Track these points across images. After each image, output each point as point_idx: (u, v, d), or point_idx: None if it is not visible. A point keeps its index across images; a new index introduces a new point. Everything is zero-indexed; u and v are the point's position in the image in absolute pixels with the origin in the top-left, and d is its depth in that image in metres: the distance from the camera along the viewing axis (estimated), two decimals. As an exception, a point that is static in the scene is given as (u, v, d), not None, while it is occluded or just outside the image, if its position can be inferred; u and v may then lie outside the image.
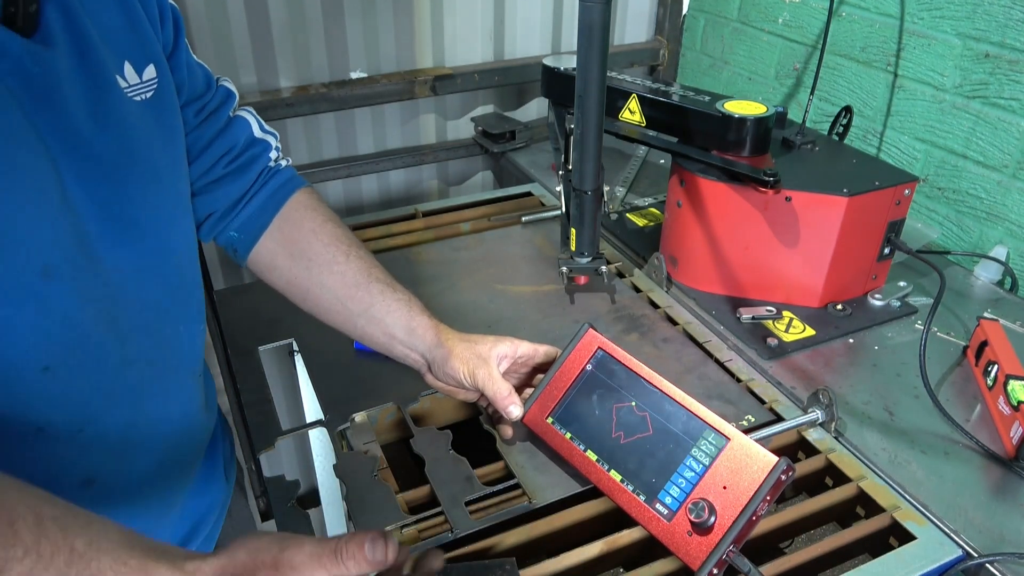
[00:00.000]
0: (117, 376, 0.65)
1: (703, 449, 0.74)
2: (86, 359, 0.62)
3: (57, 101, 0.57)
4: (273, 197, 0.84)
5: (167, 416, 0.72)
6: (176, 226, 0.72)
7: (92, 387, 0.63)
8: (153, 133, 0.67)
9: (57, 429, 0.61)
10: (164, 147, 0.69)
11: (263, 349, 1.06)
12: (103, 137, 0.61)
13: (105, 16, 0.62)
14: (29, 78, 0.54)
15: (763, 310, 1.12)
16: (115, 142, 0.62)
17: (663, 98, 1.13)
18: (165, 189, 0.69)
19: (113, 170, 0.62)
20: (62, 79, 0.57)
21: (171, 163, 0.71)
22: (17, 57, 0.54)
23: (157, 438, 0.71)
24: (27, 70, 0.54)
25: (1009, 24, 1.17)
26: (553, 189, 1.52)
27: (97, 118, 0.60)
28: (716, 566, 0.69)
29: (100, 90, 0.61)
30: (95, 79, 0.60)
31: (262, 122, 0.85)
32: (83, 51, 0.59)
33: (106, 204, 0.62)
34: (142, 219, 0.65)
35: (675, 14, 1.83)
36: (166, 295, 0.70)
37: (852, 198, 1.03)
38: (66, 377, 0.60)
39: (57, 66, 0.57)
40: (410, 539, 0.78)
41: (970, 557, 0.77)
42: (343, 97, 1.53)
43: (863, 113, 1.44)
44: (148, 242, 0.66)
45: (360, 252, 0.87)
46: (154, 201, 0.67)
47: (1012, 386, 0.91)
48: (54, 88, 0.56)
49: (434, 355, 0.86)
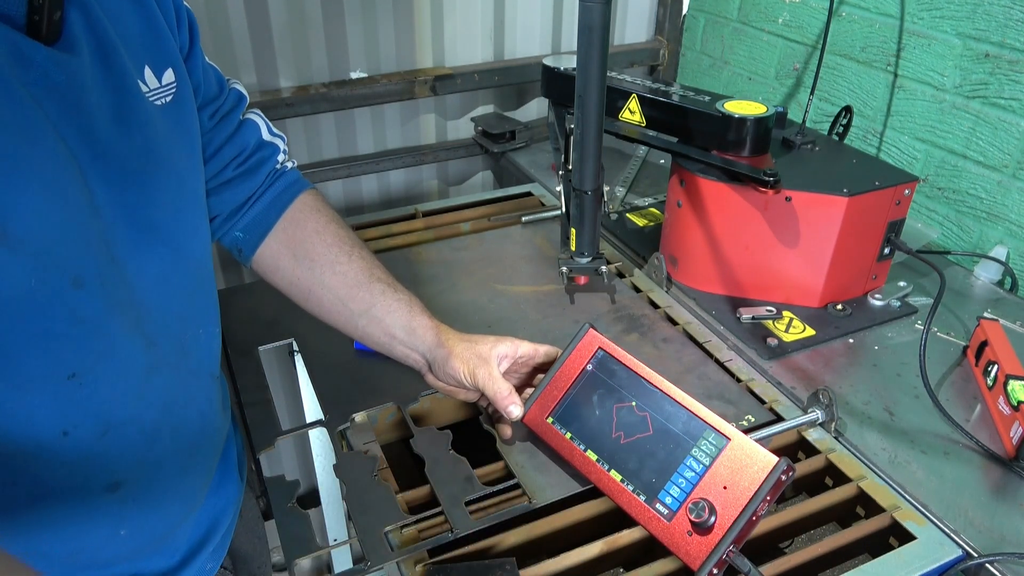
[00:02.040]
0: (142, 381, 0.65)
1: (703, 449, 0.74)
2: (112, 366, 0.62)
3: (82, 108, 0.57)
4: (279, 198, 0.85)
5: (189, 418, 0.72)
6: (197, 230, 0.72)
7: (118, 392, 0.63)
8: (174, 137, 0.67)
9: (82, 432, 0.61)
10: (184, 151, 0.69)
11: (263, 349, 1.06)
12: (127, 143, 0.61)
13: (125, 20, 0.62)
14: (54, 86, 0.54)
15: (763, 310, 1.12)
16: (139, 148, 0.62)
17: (663, 98, 1.13)
18: (187, 193, 0.70)
19: (138, 176, 0.62)
20: (86, 86, 0.57)
21: (191, 167, 0.71)
22: (42, 66, 0.53)
23: (180, 440, 0.71)
24: (52, 78, 0.54)
25: (1009, 24, 1.17)
26: (553, 189, 1.52)
27: (121, 124, 0.60)
28: (716, 566, 0.69)
29: (123, 96, 0.60)
30: (118, 85, 0.60)
31: (270, 125, 0.86)
32: (106, 56, 0.59)
33: (132, 210, 0.62)
34: (166, 224, 0.66)
35: (675, 14, 1.83)
36: (188, 298, 0.70)
37: (852, 198, 1.03)
38: (92, 384, 0.60)
39: (81, 73, 0.56)
40: (410, 539, 0.78)
41: (970, 557, 0.77)
42: (343, 97, 1.53)
43: (863, 113, 1.44)
44: (172, 246, 0.67)
45: (362, 253, 0.87)
46: (177, 205, 0.67)
47: (1012, 386, 0.91)
48: (79, 95, 0.56)
49: (434, 355, 0.86)
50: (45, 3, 0.52)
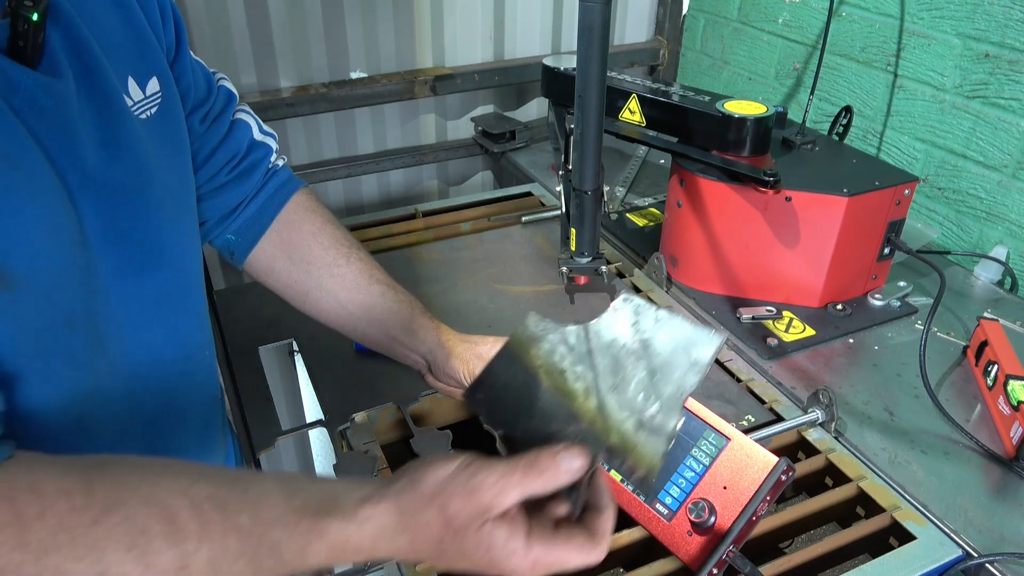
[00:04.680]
0: (144, 425, 0.64)
1: (703, 449, 0.74)
2: (114, 411, 0.60)
3: (70, 134, 0.54)
4: (272, 200, 0.83)
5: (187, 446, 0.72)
6: (191, 244, 0.70)
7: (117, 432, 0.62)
8: (162, 152, 0.64)
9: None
10: (173, 164, 0.67)
11: (263, 349, 1.06)
12: (117, 167, 0.58)
13: (107, 27, 0.59)
14: (42, 112, 0.51)
15: (763, 310, 1.12)
16: (129, 169, 0.59)
17: (663, 98, 1.13)
18: (179, 208, 0.68)
19: (130, 199, 0.59)
20: (73, 110, 0.54)
21: (181, 179, 0.69)
22: (29, 91, 0.51)
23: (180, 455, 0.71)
24: (40, 104, 0.51)
25: (1009, 24, 1.17)
26: (553, 189, 1.52)
27: (108, 148, 0.58)
28: (716, 566, 0.69)
29: (109, 117, 0.58)
30: (103, 105, 0.57)
31: (261, 123, 0.84)
32: (90, 76, 0.56)
33: (124, 235, 0.59)
34: (160, 244, 0.64)
35: (675, 14, 1.83)
36: (179, 318, 0.68)
37: (852, 198, 1.03)
38: (94, 426, 0.59)
39: (68, 97, 0.54)
40: (410, 539, 0.78)
41: (970, 557, 0.77)
42: (343, 97, 1.53)
43: (863, 113, 1.43)
44: (166, 266, 0.65)
45: (360, 254, 0.86)
46: (172, 222, 0.65)
47: (1012, 386, 0.91)
48: (66, 120, 0.54)
49: (435, 356, 0.86)
50: (30, 28, 0.50)
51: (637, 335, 0.56)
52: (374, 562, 0.74)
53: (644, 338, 0.55)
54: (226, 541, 0.46)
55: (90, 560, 0.44)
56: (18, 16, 0.50)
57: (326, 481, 0.52)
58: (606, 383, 0.55)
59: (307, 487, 0.50)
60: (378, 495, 0.49)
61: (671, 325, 0.55)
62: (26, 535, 0.43)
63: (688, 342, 0.54)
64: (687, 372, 0.53)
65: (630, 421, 0.53)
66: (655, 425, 0.52)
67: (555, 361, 0.57)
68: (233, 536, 0.46)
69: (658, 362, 0.54)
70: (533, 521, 0.51)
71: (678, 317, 0.56)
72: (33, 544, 0.43)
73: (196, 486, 0.47)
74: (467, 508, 0.48)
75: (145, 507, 0.46)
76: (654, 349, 0.55)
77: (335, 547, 0.48)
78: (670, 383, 0.53)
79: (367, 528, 0.49)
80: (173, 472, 0.48)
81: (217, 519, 0.46)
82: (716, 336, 0.54)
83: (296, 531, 0.48)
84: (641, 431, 0.52)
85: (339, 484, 0.51)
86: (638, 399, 0.53)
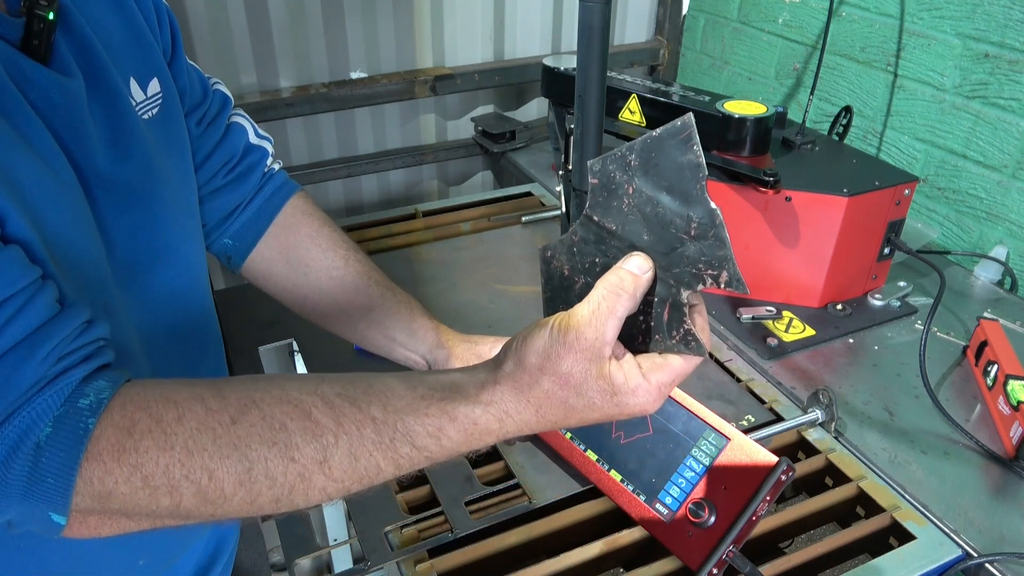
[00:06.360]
0: None
1: (703, 449, 0.74)
2: None
3: (83, 132, 0.55)
4: (268, 203, 0.83)
5: None
6: (198, 244, 0.71)
7: None
8: (166, 152, 0.65)
9: None
10: (176, 164, 0.67)
11: (263, 349, 1.06)
12: (126, 165, 0.59)
13: (109, 29, 0.60)
14: (56, 109, 0.52)
15: (763, 310, 1.12)
16: (137, 169, 0.60)
17: (663, 98, 1.13)
18: (185, 208, 0.68)
19: (138, 198, 0.60)
20: (83, 109, 0.55)
21: (184, 179, 0.69)
22: (44, 88, 0.52)
23: None
24: (54, 101, 0.52)
25: (1009, 24, 1.17)
26: (553, 189, 1.52)
27: (118, 146, 0.58)
28: (716, 566, 0.69)
29: (117, 116, 0.59)
30: (111, 105, 0.58)
31: (256, 126, 0.84)
32: (96, 75, 0.57)
33: (135, 233, 0.60)
34: (170, 243, 0.64)
35: (675, 14, 1.83)
36: (191, 319, 0.69)
37: (852, 198, 1.03)
38: None
39: (79, 95, 0.55)
40: (410, 539, 0.78)
41: (970, 557, 0.77)
42: (343, 97, 1.53)
43: (863, 113, 1.43)
44: (177, 265, 0.65)
45: (358, 256, 0.86)
46: (180, 222, 0.66)
47: (1012, 386, 0.91)
48: (79, 118, 0.55)
49: (434, 356, 0.86)
50: (45, 27, 0.51)
51: (629, 183, 0.54)
52: (508, 441, 0.72)
53: (637, 186, 0.54)
54: (362, 432, 0.47)
55: (235, 458, 0.45)
56: (34, 15, 0.51)
57: (441, 373, 0.53)
58: (640, 240, 0.54)
59: (426, 379, 0.51)
60: (493, 379, 0.51)
61: (643, 153, 0.52)
62: (169, 439, 0.44)
63: (668, 147, 0.50)
64: (688, 165, 0.50)
65: (684, 247, 0.52)
66: (703, 228, 0.51)
67: (584, 252, 0.58)
68: (369, 427, 0.47)
69: (664, 185, 0.51)
70: (639, 357, 0.52)
71: (638, 141, 0.52)
72: (178, 447, 0.44)
73: (323, 385, 0.49)
74: (578, 361, 0.49)
75: (280, 405, 0.47)
76: (652, 181, 0.52)
77: (466, 430, 0.50)
78: (685, 189, 0.50)
79: (492, 410, 0.50)
80: (297, 377, 0.50)
81: (350, 412, 0.47)
82: (685, 120, 0.49)
83: (427, 417, 0.49)
84: (693, 244, 0.52)
85: (454, 374, 0.53)
86: (674, 225, 0.52)
